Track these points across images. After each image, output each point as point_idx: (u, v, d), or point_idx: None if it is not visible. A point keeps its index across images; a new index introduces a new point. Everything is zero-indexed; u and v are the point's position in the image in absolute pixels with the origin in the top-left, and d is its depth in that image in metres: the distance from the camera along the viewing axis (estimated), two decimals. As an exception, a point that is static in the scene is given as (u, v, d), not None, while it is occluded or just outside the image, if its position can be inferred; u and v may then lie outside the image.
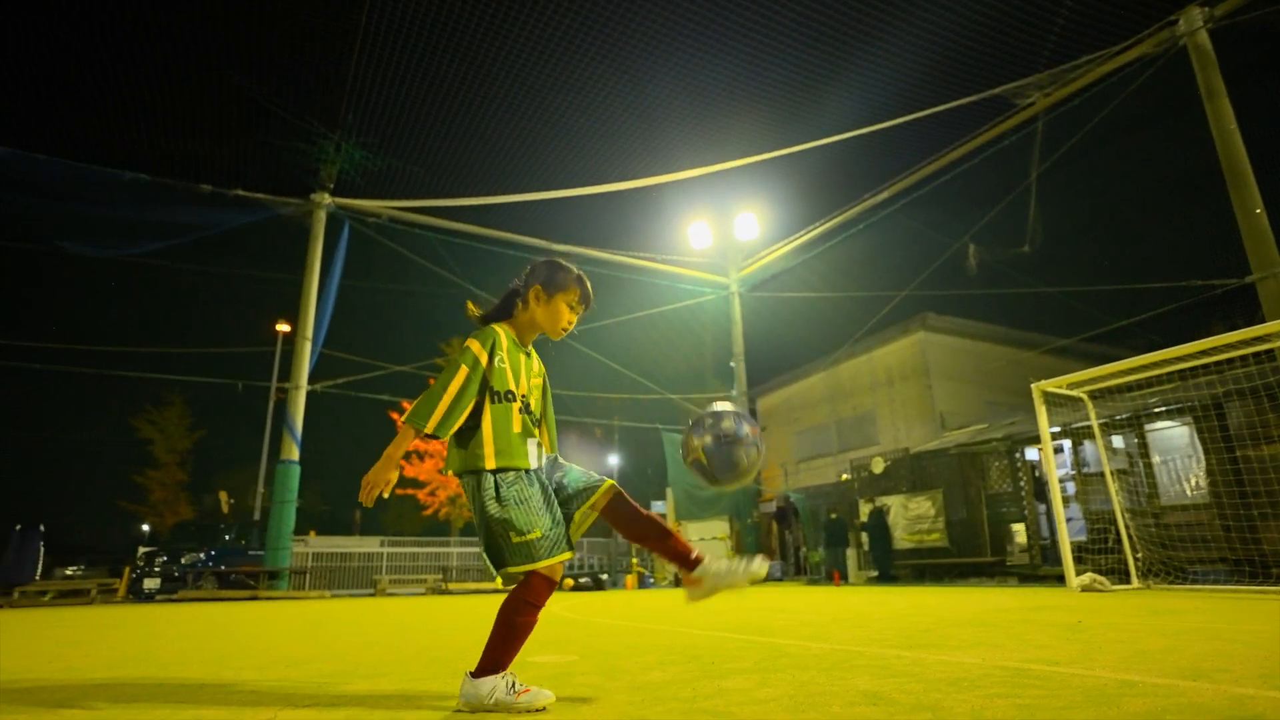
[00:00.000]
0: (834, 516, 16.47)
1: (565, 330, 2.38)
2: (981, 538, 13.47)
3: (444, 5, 10.53)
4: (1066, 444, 12.29)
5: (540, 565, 2.07)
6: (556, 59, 12.57)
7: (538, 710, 1.97)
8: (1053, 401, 10.05)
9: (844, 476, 18.10)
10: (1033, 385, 9.37)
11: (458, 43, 11.21)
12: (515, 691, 2.01)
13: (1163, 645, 2.86)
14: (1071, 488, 13.39)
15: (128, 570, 16.44)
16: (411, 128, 12.98)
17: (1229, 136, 10.11)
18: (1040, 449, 14.11)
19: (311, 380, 14.44)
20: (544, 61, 12.39)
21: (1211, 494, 10.08)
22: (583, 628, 4.90)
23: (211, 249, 15.42)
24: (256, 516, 29.13)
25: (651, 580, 17.24)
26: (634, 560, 17.84)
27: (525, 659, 3.02)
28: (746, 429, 2.27)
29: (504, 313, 2.36)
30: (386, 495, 2.07)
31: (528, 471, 2.19)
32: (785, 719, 1.74)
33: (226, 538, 19.26)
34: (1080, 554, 11.11)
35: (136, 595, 15.21)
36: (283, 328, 23.15)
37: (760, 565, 2.15)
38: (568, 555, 2.14)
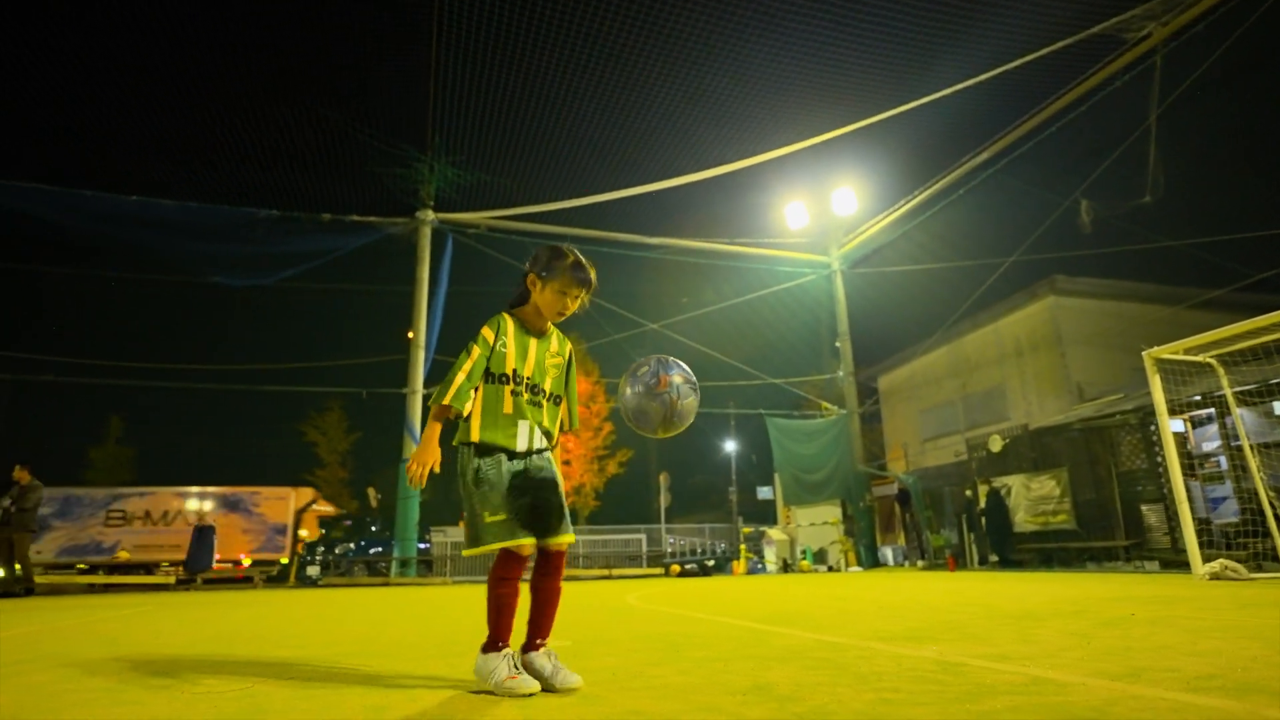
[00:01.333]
0: (968, 496, 15.63)
1: (562, 315, 2.48)
2: (1114, 519, 12.36)
3: (505, 25, 11.04)
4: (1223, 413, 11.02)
5: (495, 546, 2.20)
6: (631, 52, 12.71)
7: (521, 696, 2.09)
8: (1184, 369, 9.05)
9: (959, 456, 17.12)
10: (1144, 353, 8.49)
11: (525, 58, 11.74)
12: (509, 674, 2.14)
13: (1195, 647, 2.63)
14: (1224, 462, 12.05)
15: (295, 558, 18.66)
16: (494, 142, 13.75)
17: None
18: (1182, 420, 12.76)
19: (427, 385, 15.71)
20: (617, 56, 12.57)
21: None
22: (619, 614, 5.05)
23: (338, 270, 17.04)
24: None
25: (760, 566, 17.20)
26: (742, 546, 17.85)
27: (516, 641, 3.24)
28: (659, 379, 2.36)
29: (520, 300, 2.49)
30: (437, 470, 2.23)
31: (510, 454, 2.32)
32: (662, 705, 1.80)
33: (373, 529, 21.31)
34: (1232, 537, 9.98)
35: (301, 581, 17.22)
36: (412, 335, 25.09)
37: (577, 681, 2.20)
38: (529, 541, 2.25)
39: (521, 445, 2.34)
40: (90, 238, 15.76)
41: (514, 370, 2.39)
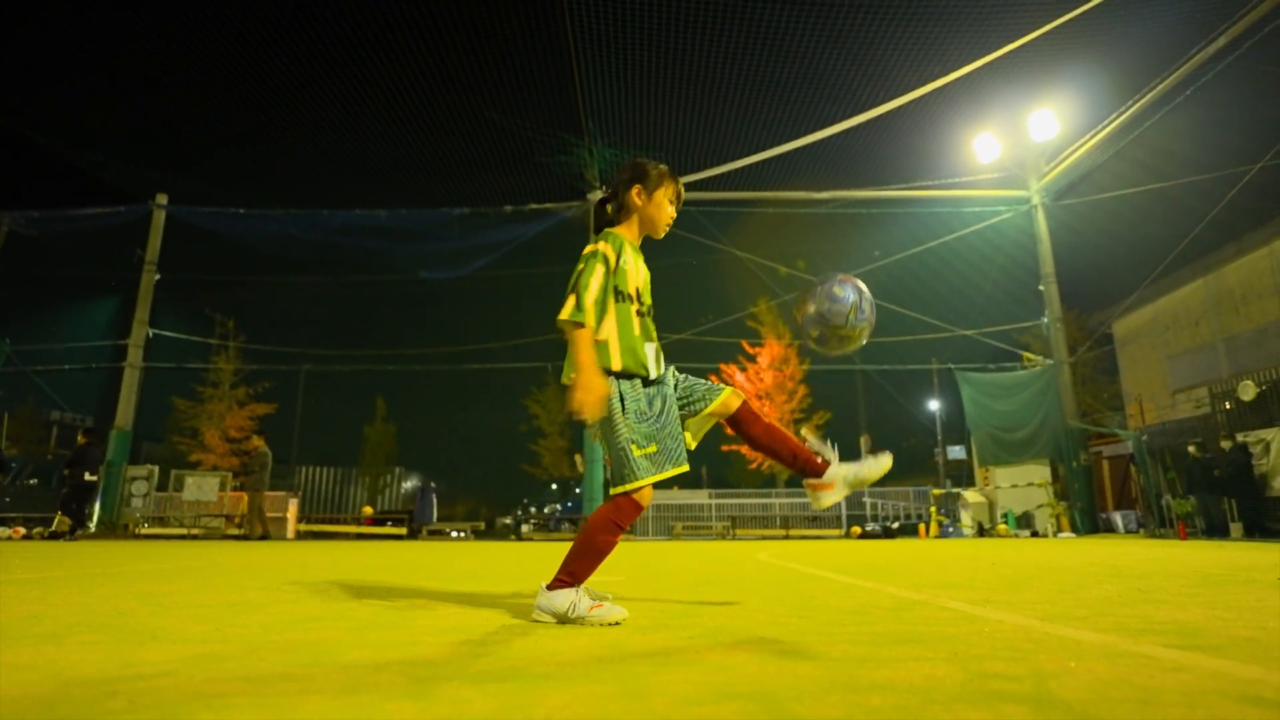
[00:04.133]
0: (1197, 457, 13.37)
1: (668, 227, 2.35)
2: None
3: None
4: None
5: (649, 480, 2.05)
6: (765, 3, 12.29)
7: (611, 624, 1.99)
8: None
9: (1199, 408, 14.55)
10: None
11: (658, 29, 11.81)
12: (594, 603, 2.04)
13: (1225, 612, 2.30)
14: None
15: (514, 516, 21.06)
16: (644, 118, 14.10)
17: None
18: None
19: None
20: (750, 9, 12.20)
21: None
22: (728, 566, 5.13)
23: (525, 256, 18.65)
24: (608, 476, 33.95)
25: (951, 529, 16.03)
26: (932, 509, 16.75)
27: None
28: (850, 294, 2.27)
29: (616, 217, 2.36)
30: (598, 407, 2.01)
31: (649, 380, 2.18)
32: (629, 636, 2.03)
33: (577, 491, 23.19)
34: None
35: (517, 535, 19.37)
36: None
37: (885, 460, 2.17)
38: (683, 468, 2.12)
39: (654, 371, 2.21)
40: (329, 250, 18.85)
41: (636, 290, 2.24)
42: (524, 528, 20.30)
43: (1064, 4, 12.10)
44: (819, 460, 2.19)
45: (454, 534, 17.78)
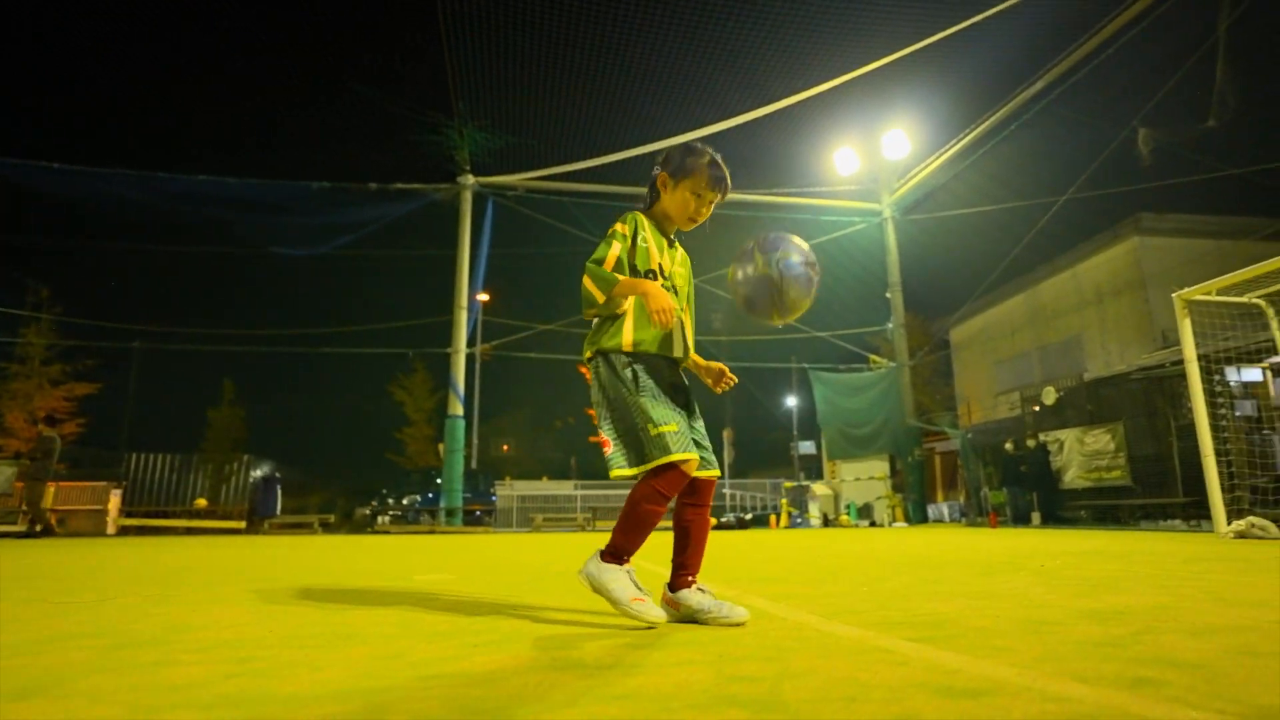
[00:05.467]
0: (1010, 451, 14.96)
1: (694, 221, 2.26)
2: (1171, 476, 11.52)
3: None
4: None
5: (675, 458, 1.96)
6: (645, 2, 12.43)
7: (646, 623, 1.93)
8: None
9: (1012, 410, 16.29)
10: (1174, 295, 7.82)
11: (534, 18, 11.69)
12: (638, 595, 1.96)
13: (1063, 614, 2.57)
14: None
15: (370, 508, 20.14)
16: (519, 105, 13.94)
17: None
18: (1262, 369, 11.63)
19: (469, 345, 16.35)
20: (630, 9, 12.34)
21: None
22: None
23: (388, 237, 17.81)
24: (474, 465, 33.08)
25: (800, 520, 17.09)
26: (783, 501, 17.77)
27: (410, 574, 3.48)
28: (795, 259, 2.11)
29: (649, 202, 2.30)
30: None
31: (666, 360, 2.13)
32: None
33: (438, 481, 22.52)
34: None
35: (371, 528, 18.55)
36: (482, 297, 25.94)
37: (743, 615, 2.00)
38: (695, 457, 2.03)
39: (678, 351, 2.16)
40: (170, 215, 17.14)
41: (660, 265, 2.18)
42: (380, 519, 19.52)
43: (918, 33, 13.09)
44: (689, 577, 2.09)
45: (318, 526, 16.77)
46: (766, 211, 18.14)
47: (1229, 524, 7.10)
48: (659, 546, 2.35)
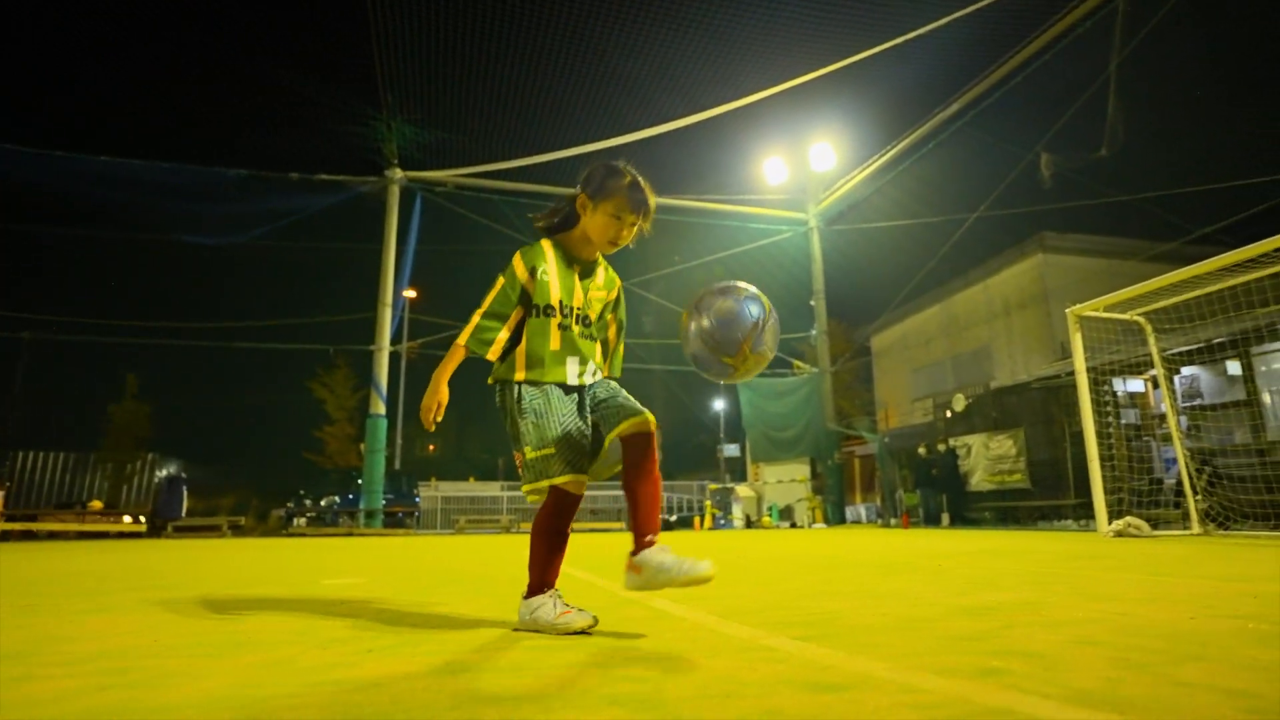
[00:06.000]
0: (923, 455, 15.68)
1: (614, 245, 2.18)
2: (1065, 479, 12.33)
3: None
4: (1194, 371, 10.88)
5: (552, 483, 1.99)
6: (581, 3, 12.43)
7: (575, 632, 1.96)
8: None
9: (925, 416, 17.08)
10: (1068, 310, 8.39)
11: (467, 13, 11.52)
12: (560, 610, 2.00)
13: (913, 613, 2.70)
14: (1184, 422, 11.95)
15: (285, 509, 19.34)
16: (450, 100, 13.67)
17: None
18: (1144, 380, 12.59)
19: (394, 342, 15.97)
20: (565, 9, 12.30)
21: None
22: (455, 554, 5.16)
23: (311, 229, 17.18)
24: (398, 466, 32.19)
25: (724, 521, 17.44)
26: (707, 503, 18.10)
27: (318, 579, 3.42)
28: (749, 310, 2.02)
29: (566, 224, 2.21)
30: (439, 419, 2.08)
31: (559, 385, 2.10)
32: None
33: (359, 482, 21.83)
34: (1174, 497, 9.95)
35: (287, 530, 17.80)
36: (409, 294, 25.28)
37: (707, 568, 1.87)
38: (581, 478, 2.02)
39: (573, 380, 2.12)
40: (69, 199, 16.03)
41: (560, 301, 2.12)
42: (297, 521, 18.78)
43: (838, 51, 13.58)
44: (648, 538, 1.98)
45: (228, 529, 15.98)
46: (696, 217, 18.43)
47: (1110, 524, 7.66)
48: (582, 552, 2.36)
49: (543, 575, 2.07)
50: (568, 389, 2.11)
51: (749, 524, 17.46)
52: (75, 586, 3.74)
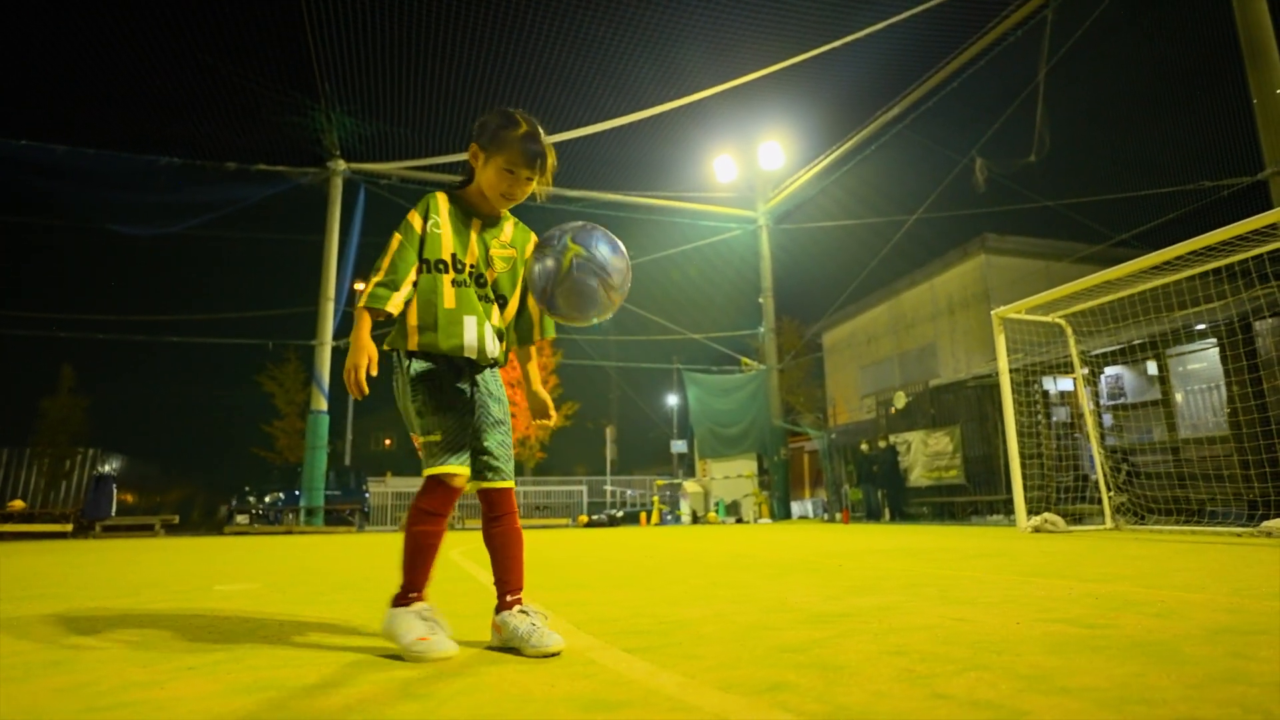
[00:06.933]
0: (865, 451, 15.98)
1: (509, 200, 2.00)
2: (998, 475, 12.69)
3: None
4: (1120, 370, 11.26)
5: (436, 470, 1.87)
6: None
7: (432, 659, 1.77)
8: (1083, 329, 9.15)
9: (869, 413, 17.41)
10: (993, 312, 8.62)
11: (406, 6, 11.31)
12: (421, 634, 1.82)
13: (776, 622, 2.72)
14: (1108, 420, 12.37)
15: (228, 506, 18.83)
16: (390, 91, 13.40)
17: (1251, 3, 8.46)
18: (1073, 379, 13.02)
19: (336, 337, 15.64)
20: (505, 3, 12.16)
21: (1231, 425, 9.00)
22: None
23: (249, 220, 16.71)
24: (348, 462, 31.64)
25: (671, 517, 17.54)
26: (655, 498, 18.18)
27: (212, 585, 3.32)
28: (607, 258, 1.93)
29: (468, 179, 2.05)
30: (369, 376, 1.85)
31: (450, 360, 1.94)
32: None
33: (303, 480, 21.33)
34: (1090, 492, 10.30)
35: (227, 528, 17.33)
36: (358, 286, 24.79)
37: (556, 643, 1.80)
38: (463, 471, 1.91)
39: (470, 344, 1.93)
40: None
41: (453, 255, 1.96)
42: (238, 519, 18.31)
43: (784, 51, 13.70)
44: (508, 597, 1.93)
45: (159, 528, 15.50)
46: (645, 214, 18.44)
47: (1029, 520, 7.91)
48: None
49: (411, 578, 1.93)
50: (459, 367, 1.97)
51: (695, 519, 17.59)
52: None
